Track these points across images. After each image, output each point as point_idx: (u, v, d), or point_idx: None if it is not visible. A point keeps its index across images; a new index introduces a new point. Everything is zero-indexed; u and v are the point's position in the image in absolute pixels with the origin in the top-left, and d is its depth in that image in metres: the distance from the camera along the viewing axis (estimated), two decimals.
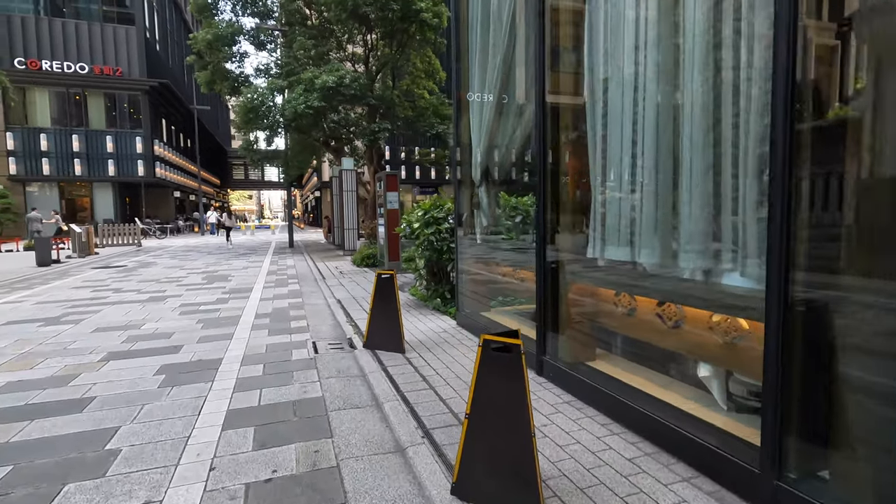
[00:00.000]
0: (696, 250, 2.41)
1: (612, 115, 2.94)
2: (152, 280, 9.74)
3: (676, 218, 2.53)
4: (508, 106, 4.57)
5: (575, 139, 3.69)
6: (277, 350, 4.61)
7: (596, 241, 3.11)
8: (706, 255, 2.40)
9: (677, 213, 2.52)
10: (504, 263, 4.93)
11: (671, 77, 2.59)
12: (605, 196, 3.02)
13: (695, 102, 2.40)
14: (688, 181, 2.44)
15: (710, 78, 2.35)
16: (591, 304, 3.43)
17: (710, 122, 2.36)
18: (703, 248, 2.40)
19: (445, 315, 5.82)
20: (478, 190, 4.97)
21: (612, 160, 2.95)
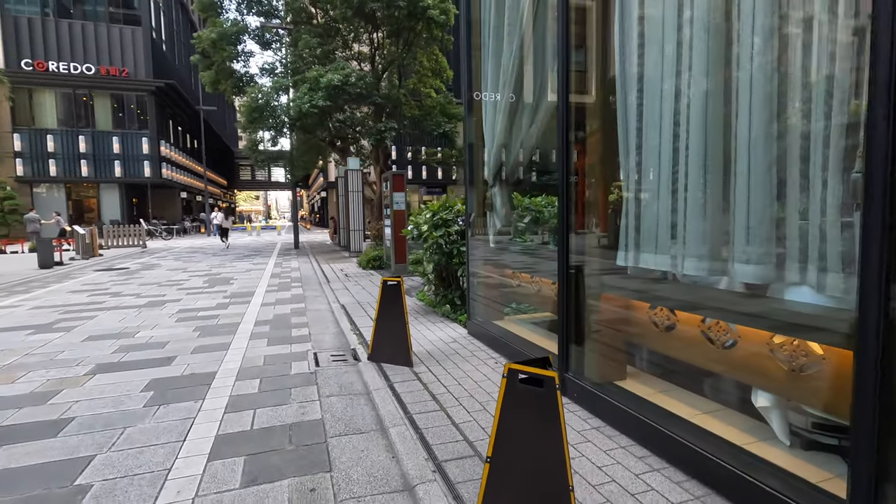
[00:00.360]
0: (756, 260, 2.06)
1: (650, 108, 2.59)
2: (153, 283, 9.49)
3: (730, 223, 2.18)
4: (524, 105, 4.23)
5: (601, 137, 3.34)
6: (276, 362, 4.29)
7: (628, 248, 2.76)
8: (768, 265, 2.04)
9: (731, 217, 2.17)
10: (519, 269, 4.59)
11: (723, 60, 2.23)
12: (639, 198, 2.67)
13: (755, 88, 2.05)
14: (744, 180, 2.09)
15: (773, 59, 1.99)
16: (622, 318, 3.07)
17: (773, 110, 2.00)
18: (764, 258, 2.04)
19: (455, 323, 5.48)
20: (491, 190, 4.62)
21: (649, 158, 2.59)
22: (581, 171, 3.32)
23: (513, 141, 4.39)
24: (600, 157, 3.35)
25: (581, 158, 3.40)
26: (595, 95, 3.41)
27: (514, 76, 4.17)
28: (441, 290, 6.13)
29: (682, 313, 2.58)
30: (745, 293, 2.27)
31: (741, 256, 2.12)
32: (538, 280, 4.18)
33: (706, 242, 2.28)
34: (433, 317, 5.79)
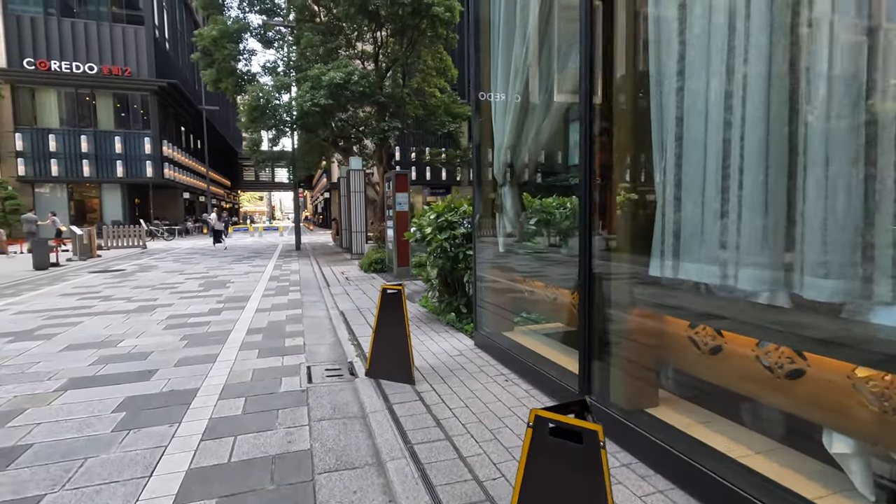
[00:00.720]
0: (835, 273, 1.67)
1: (693, 92, 2.21)
2: (146, 286, 9.15)
3: (799, 227, 1.80)
4: (536, 101, 3.86)
5: (628, 133, 2.96)
6: (265, 377, 3.92)
7: (664, 257, 2.37)
8: (851, 280, 1.65)
9: (800, 220, 1.79)
10: (531, 276, 4.21)
11: (790, 31, 1.85)
12: (679, 198, 2.28)
13: (835, 64, 1.67)
14: (820, 176, 1.71)
15: (863, 26, 1.61)
16: (655, 336, 2.69)
17: (859, 90, 1.62)
18: (846, 271, 1.66)
19: (461, 333, 5.10)
20: (500, 190, 4.25)
21: (692, 151, 2.21)
22: (604, 170, 2.94)
23: (524, 138, 4.01)
24: (627, 154, 2.97)
25: (604, 156, 3.02)
26: (620, 89, 3.04)
27: (525, 73, 3.81)
28: (446, 296, 5.75)
29: (730, 334, 2.19)
30: (813, 312, 1.88)
31: (815, 268, 1.73)
32: (553, 289, 3.80)
33: (767, 251, 1.89)
34: (437, 326, 5.41)
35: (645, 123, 2.55)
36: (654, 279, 2.52)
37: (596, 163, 2.83)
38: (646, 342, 2.71)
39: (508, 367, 3.92)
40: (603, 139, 2.89)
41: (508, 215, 4.21)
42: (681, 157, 2.27)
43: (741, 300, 2.15)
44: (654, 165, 2.49)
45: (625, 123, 2.97)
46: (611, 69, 3.03)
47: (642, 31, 2.80)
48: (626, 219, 2.91)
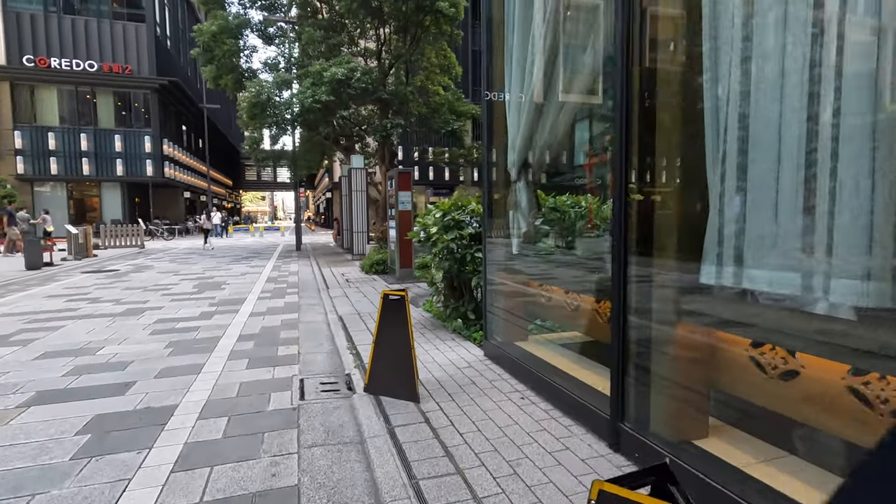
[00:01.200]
0: None
1: (764, 64, 1.81)
2: (138, 287, 8.79)
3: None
4: (556, 96, 3.47)
5: (674, 116, 2.57)
6: (253, 392, 3.54)
7: (722, 262, 1.98)
8: None
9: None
10: (549, 281, 3.82)
11: None
12: (742, 189, 1.89)
13: None
14: None
15: None
16: (705, 354, 2.28)
17: None
18: None
19: (468, 341, 4.71)
20: (515, 186, 3.85)
21: (762, 134, 1.82)
22: (643, 161, 2.54)
23: (542, 129, 3.62)
24: (670, 141, 2.57)
25: (642, 146, 2.63)
26: (662, 68, 2.64)
27: (543, 67, 3.42)
28: (451, 301, 5.36)
29: (809, 357, 1.79)
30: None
31: None
32: (575, 295, 3.40)
33: (873, 256, 1.50)
34: (442, 333, 5.02)
35: (692, 104, 2.16)
36: (704, 288, 2.13)
37: (633, 153, 2.43)
38: (695, 362, 2.31)
39: (523, 382, 3.52)
40: (642, 128, 2.50)
41: (523, 213, 3.81)
42: (746, 141, 1.87)
43: (824, 316, 1.74)
44: (707, 154, 2.09)
45: (667, 108, 2.57)
46: (650, 52, 2.63)
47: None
48: (669, 217, 2.52)
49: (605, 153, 10.25)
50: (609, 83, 2.87)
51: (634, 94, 2.44)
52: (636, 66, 2.47)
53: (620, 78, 2.42)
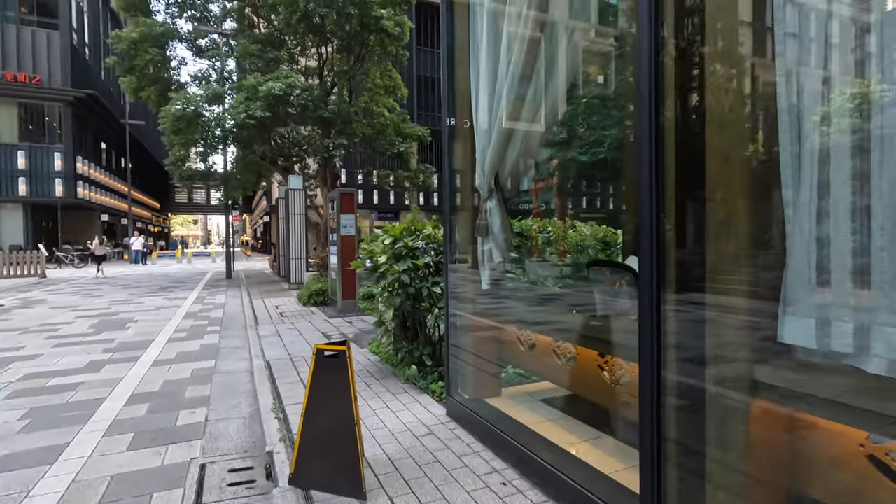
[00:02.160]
0: None
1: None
2: (18, 329, 7.21)
3: None
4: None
5: (730, 133, 1.95)
6: (125, 493, 2.50)
7: (814, 316, 1.32)
8: None
9: None
10: (533, 326, 3.10)
11: None
12: (857, 226, 1.25)
13: None
14: None
15: None
16: (788, 444, 1.61)
17: None
18: None
19: (426, 394, 3.87)
20: (485, 206, 3.14)
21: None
22: (683, 179, 1.89)
23: (511, 149, 2.97)
24: (720, 152, 1.94)
25: (681, 159, 1.99)
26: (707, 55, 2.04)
27: (514, 89, 2.81)
28: (404, 343, 4.51)
29: None
30: None
31: None
32: (569, 347, 2.69)
33: None
34: (393, 383, 4.15)
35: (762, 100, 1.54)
36: (784, 351, 1.47)
37: (667, 166, 1.77)
38: (772, 457, 1.62)
39: (502, 458, 2.73)
40: (681, 131, 1.85)
41: (496, 239, 3.09)
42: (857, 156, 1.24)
43: None
44: (782, 165, 1.46)
45: (717, 105, 1.95)
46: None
47: None
48: (723, 254, 1.86)
49: (552, 178, 9.73)
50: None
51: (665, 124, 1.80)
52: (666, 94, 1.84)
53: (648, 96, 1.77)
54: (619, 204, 6.47)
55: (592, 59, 7.05)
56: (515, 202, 5.33)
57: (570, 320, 3.23)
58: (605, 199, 11.85)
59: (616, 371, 2.32)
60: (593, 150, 9.91)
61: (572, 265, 4.83)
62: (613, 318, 2.72)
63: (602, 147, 9.69)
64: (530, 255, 4.87)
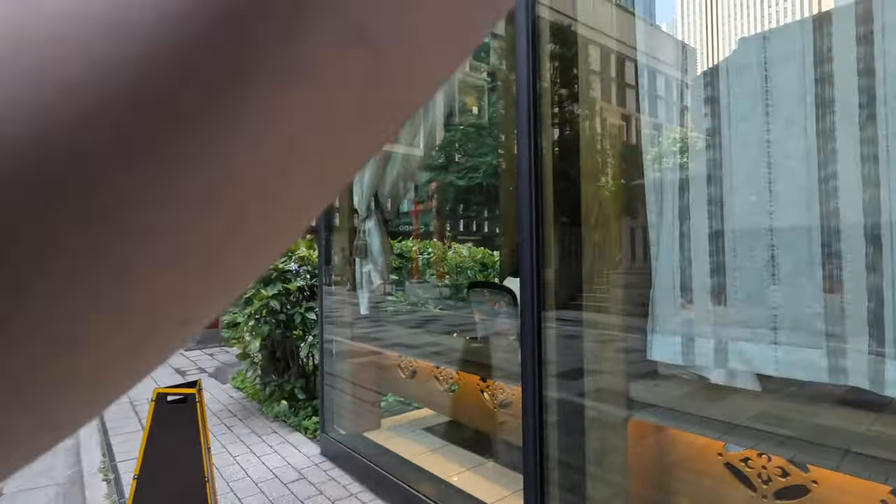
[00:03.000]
0: None
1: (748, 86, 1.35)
2: None
3: None
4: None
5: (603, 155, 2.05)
6: None
7: (680, 333, 1.41)
8: None
9: None
10: (414, 352, 2.97)
11: None
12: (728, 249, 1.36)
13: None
14: None
15: None
16: (678, 467, 1.67)
17: None
18: None
19: (298, 432, 3.50)
20: (364, 226, 2.97)
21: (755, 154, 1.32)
22: (567, 205, 1.94)
23: (394, 161, 2.89)
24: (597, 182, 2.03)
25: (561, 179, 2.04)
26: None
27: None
28: (273, 376, 4.07)
29: (824, 473, 1.27)
30: None
31: None
32: (454, 374, 2.61)
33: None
34: (260, 423, 3.70)
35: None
36: (653, 369, 1.54)
37: (545, 192, 1.80)
38: (647, 466, 1.68)
39: (382, 497, 2.52)
40: (559, 159, 1.90)
41: (375, 261, 2.94)
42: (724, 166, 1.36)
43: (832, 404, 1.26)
44: (646, 191, 1.56)
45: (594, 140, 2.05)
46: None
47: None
48: (599, 274, 1.92)
49: (431, 200, 9.87)
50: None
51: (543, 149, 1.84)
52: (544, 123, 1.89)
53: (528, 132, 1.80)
54: (495, 227, 6.69)
55: (468, 90, 7.36)
56: (396, 223, 5.22)
57: (451, 343, 3.18)
58: (481, 222, 12.37)
59: (498, 395, 2.29)
60: (470, 175, 10.35)
61: (452, 286, 4.86)
62: (494, 339, 2.72)
63: (478, 173, 10.16)
64: (410, 276, 4.78)
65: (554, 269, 1.81)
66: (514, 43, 1.88)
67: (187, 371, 5.51)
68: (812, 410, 1.49)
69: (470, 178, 10.36)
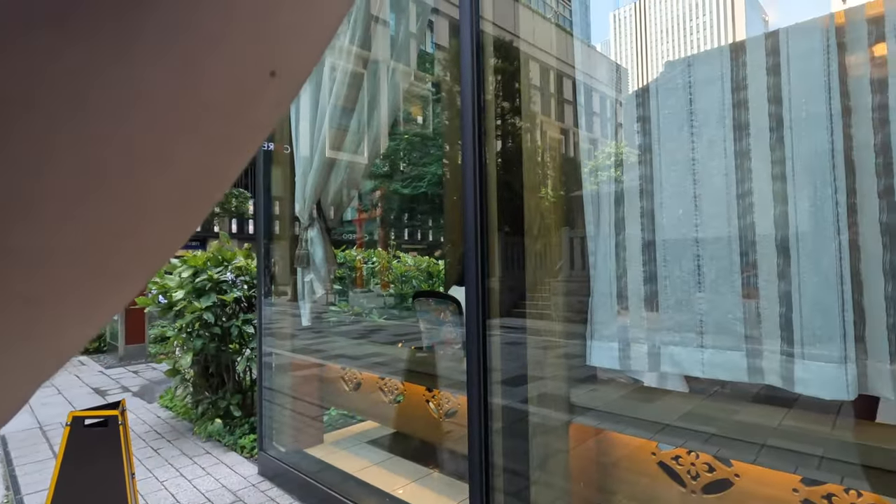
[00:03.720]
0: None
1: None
2: None
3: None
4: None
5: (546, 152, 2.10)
6: None
7: (618, 338, 1.48)
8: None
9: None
10: (358, 363, 2.91)
11: None
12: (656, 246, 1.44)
13: None
14: None
15: None
16: (614, 468, 1.73)
17: None
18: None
19: (234, 452, 3.32)
20: (306, 235, 2.89)
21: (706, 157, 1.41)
22: (508, 207, 1.98)
23: (333, 178, 2.84)
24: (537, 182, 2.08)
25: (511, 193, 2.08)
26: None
27: (332, 120, 2.74)
28: (207, 393, 3.84)
29: (745, 465, 1.37)
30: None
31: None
32: (399, 385, 2.58)
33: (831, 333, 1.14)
34: (191, 444, 3.48)
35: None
36: (593, 373, 1.60)
37: (490, 203, 1.84)
38: (588, 467, 1.73)
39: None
40: (502, 170, 1.94)
41: (318, 271, 2.86)
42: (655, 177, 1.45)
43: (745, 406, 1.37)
44: (585, 203, 1.63)
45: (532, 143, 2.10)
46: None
47: None
48: (542, 282, 1.97)
49: (375, 209, 9.83)
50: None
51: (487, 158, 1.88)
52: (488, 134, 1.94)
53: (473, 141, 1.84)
54: (440, 236, 6.73)
55: (413, 100, 7.40)
56: (339, 232, 5.10)
57: (396, 353, 3.15)
58: (426, 231, 12.40)
59: (444, 404, 2.29)
60: (415, 184, 10.37)
61: (397, 296, 4.82)
62: (439, 349, 2.73)
63: (423, 182, 10.20)
64: (355, 286, 4.71)
65: (498, 277, 1.84)
66: (459, 55, 1.91)
67: (108, 391, 5.09)
68: (733, 408, 1.60)
69: (415, 186, 10.37)
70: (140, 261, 0.12)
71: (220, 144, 0.12)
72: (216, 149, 0.12)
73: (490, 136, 1.92)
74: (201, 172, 0.12)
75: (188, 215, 0.13)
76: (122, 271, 0.12)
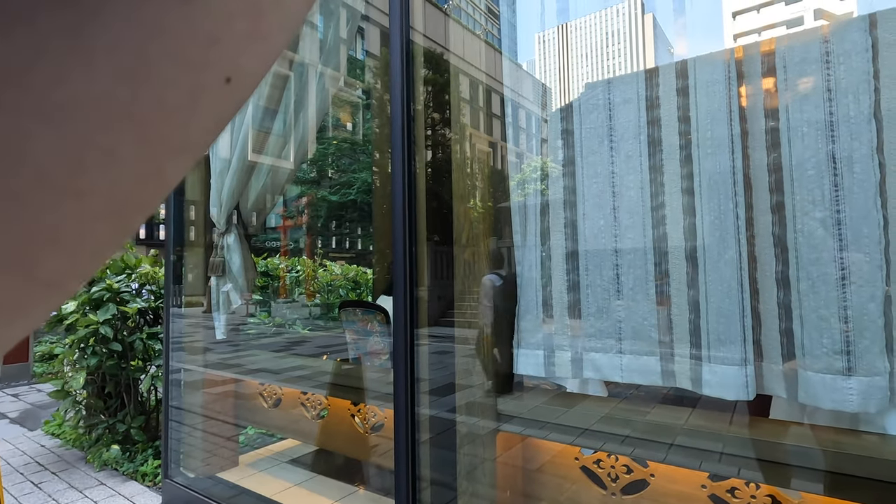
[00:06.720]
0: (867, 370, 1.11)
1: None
2: None
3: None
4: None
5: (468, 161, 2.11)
6: None
7: (548, 347, 1.51)
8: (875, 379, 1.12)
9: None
10: (277, 377, 2.75)
11: None
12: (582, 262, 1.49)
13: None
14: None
15: None
16: (524, 466, 1.74)
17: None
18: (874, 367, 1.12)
19: (133, 481, 3.00)
20: (222, 241, 2.69)
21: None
22: (439, 219, 1.96)
23: (254, 182, 2.70)
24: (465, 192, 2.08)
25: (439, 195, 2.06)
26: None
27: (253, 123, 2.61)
28: (103, 417, 3.44)
29: (659, 465, 1.44)
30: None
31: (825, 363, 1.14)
32: (323, 400, 2.46)
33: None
34: (81, 475, 3.09)
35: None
36: (519, 381, 1.62)
37: (419, 212, 1.82)
38: (514, 475, 1.73)
39: None
40: (431, 180, 1.93)
41: (235, 280, 2.67)
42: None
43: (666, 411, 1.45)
44: (512, 213, 1.67)
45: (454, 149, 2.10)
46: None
47: None
48: (470, 292, 1.96)
49: (301, 216, 9.58)
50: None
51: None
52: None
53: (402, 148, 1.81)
54: (369, 244, 6.63)
55: (343, 106, 7.25)
56: (262, 239, 4.89)
57: (320, 366, 3.02)
58: (354, 240, 12.16)
59: (370, 418, 2.21)
60: (343, 190, 10.13)
61: (323, 305, 4.65)
62: (366, 360, 2.65)
63: (352, 189, 10.00)
64: (277, 296, 4.49)
65: (427, 287, 1.82)
66: (389, 64, 1.88)
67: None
68: (645, 409, 1.69)
69: (343, 193, 10.13)
70: (73, 267, 0.12)
71: (168, 148, 0.12)
72: (164, 152, 0.12)
73: (420, 145, 1.90)
74: (147, 176, 0.12)
75: (128, 220, 0.13)
76: (53, 278, 0.12)
